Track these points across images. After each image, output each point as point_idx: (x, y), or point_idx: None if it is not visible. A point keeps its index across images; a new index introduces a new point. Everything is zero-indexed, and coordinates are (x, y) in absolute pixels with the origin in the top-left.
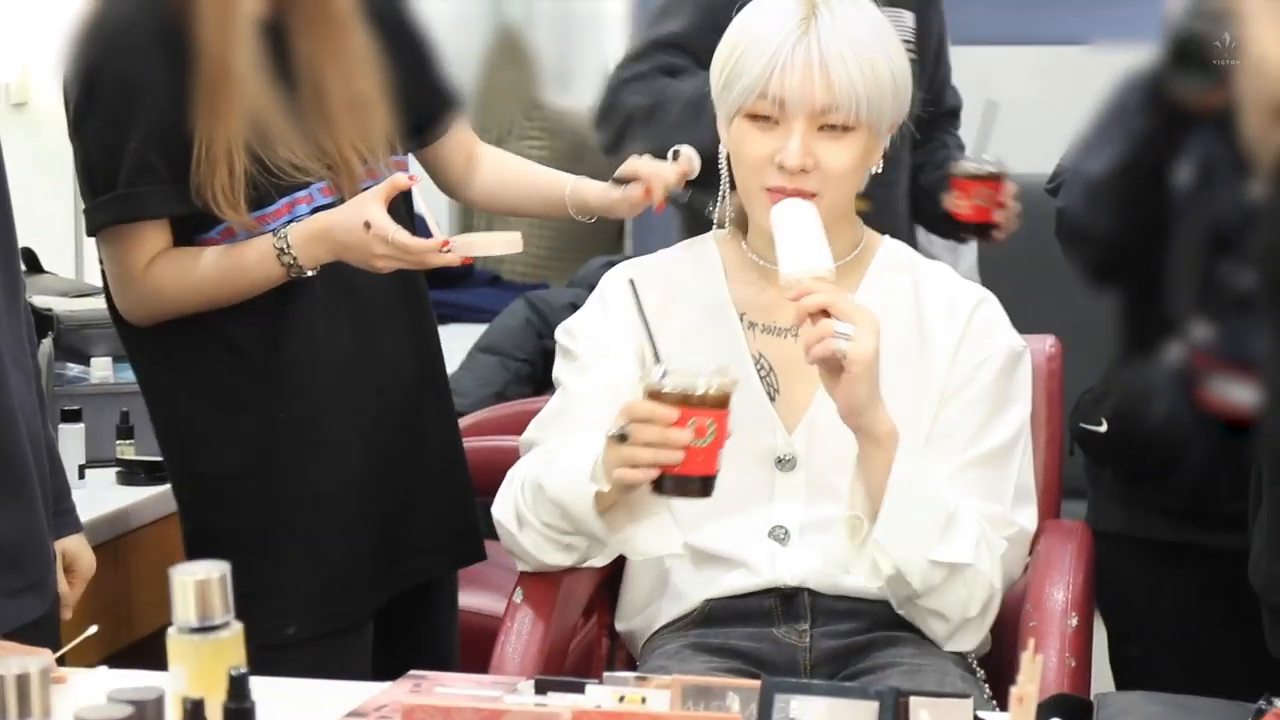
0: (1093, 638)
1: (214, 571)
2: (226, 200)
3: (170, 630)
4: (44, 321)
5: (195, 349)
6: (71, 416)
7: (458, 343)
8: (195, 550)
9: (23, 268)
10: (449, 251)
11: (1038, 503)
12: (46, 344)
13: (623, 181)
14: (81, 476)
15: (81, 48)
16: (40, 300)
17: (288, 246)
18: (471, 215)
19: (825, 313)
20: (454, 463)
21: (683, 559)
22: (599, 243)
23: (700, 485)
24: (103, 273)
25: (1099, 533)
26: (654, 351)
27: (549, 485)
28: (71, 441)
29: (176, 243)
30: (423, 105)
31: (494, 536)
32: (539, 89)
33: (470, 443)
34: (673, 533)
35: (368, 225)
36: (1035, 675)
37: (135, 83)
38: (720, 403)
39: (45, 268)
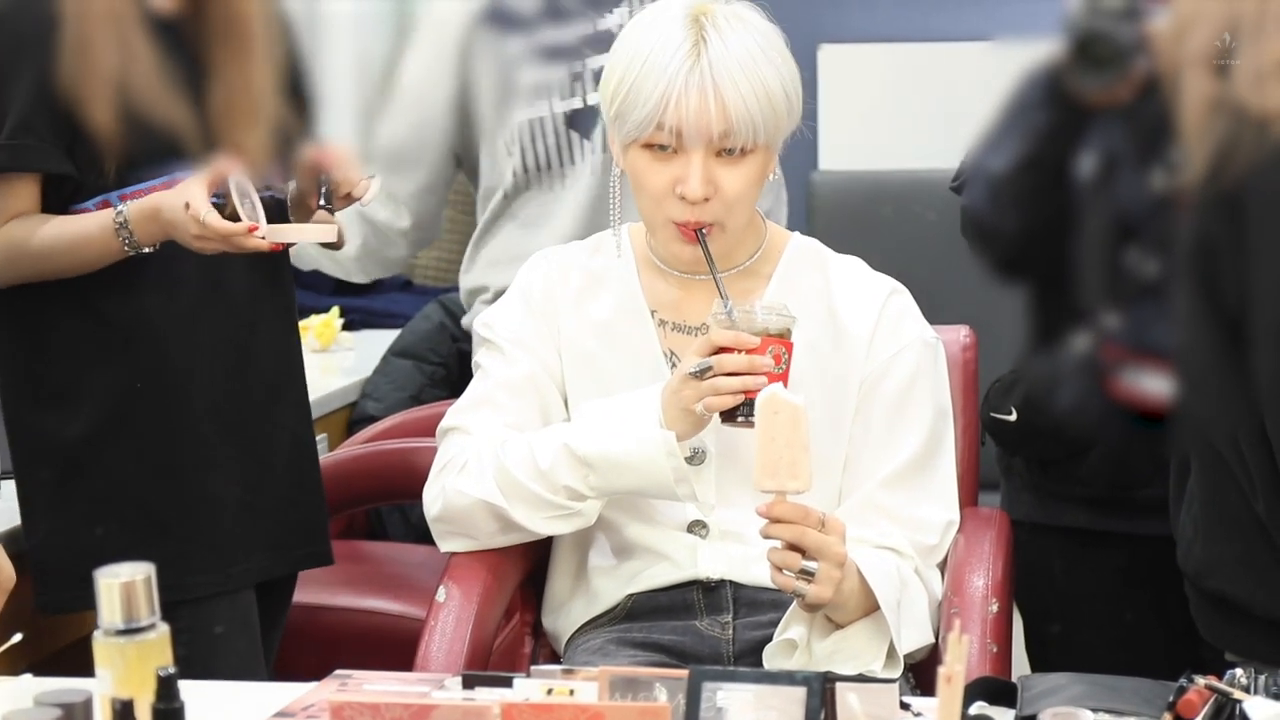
0: (1012, 624)
1: (139, 573)
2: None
3: (96, 633)
4: None
5: (57, 314)
6: None
7: (371, 348)
8: (39, 519)
9: None
10: (262, 238)
11: (959, 490)
12: None
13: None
14: None
15: None
16: None
17: (125, 221)
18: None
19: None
20: (306, 461)
21: (603, 553)
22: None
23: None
24: None
25: (1014, 521)
26: (720, 291)
27: (590, 449)
28: None
29: (52, 213)
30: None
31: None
32: None
33: (387, 445)
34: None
35: (187, 205)
36: (962, 655)
37: (20, 38)
38: (787, 334)
39: None
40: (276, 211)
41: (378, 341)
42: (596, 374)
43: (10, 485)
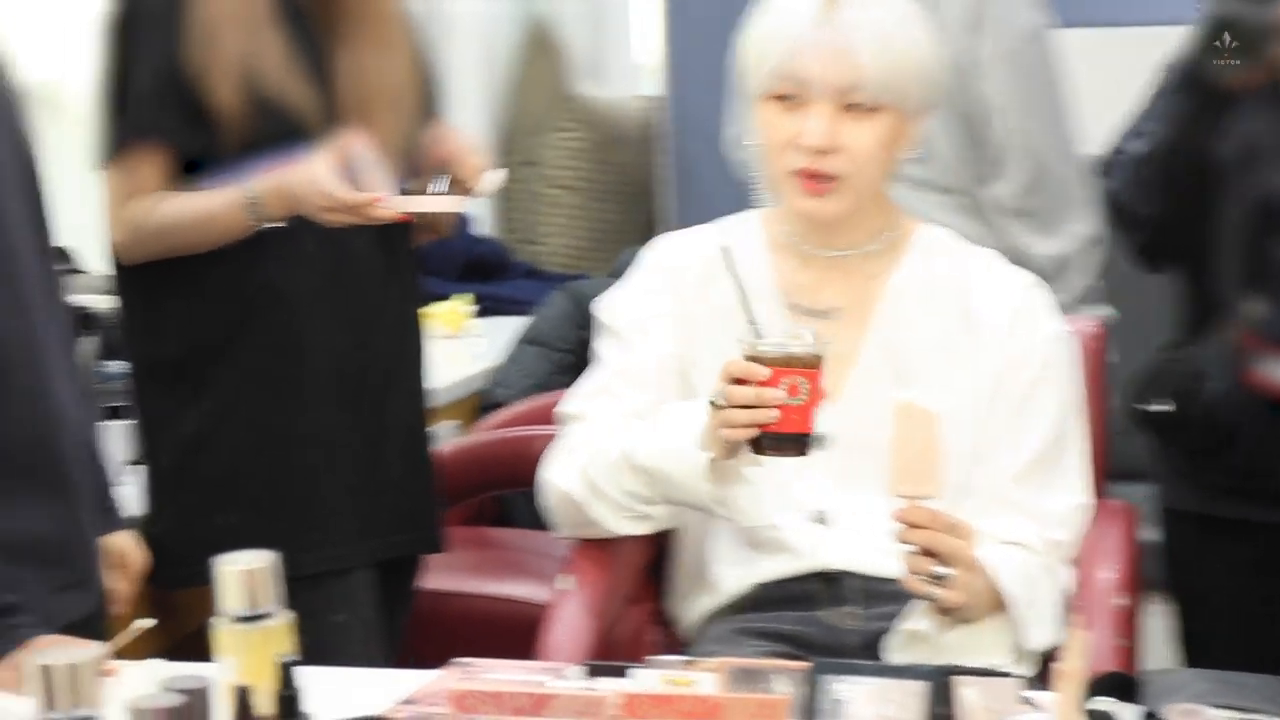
0: (1141, 618)
1: (259, 561)
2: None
3: (217, 620)
4: (84, 320)
5: (179, 295)
6: (112, 413)
7: (499, 334)
8: (162, 497)
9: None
10: (388, 208)
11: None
12: (87, 342)
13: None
14: (125, 473)
15: None
16: (80, 299)
17: (254, 196)
18: (509, 198)
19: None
20: (421, 447)
21: (728, 542)
22: (636, 232)
23: (797, 443)
24: None
25: (1170, 511)
26: (749, 316)
27: (643, 457)
28: (115, 439)
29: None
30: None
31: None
32: (570, 81)
33: (508, 432)
34: (765, 500)
35: (315, 179)
36: (1080, 651)
37: (155, 19)
38: (811, 363)
39: (82, 267)
40: None
41: (505, 328)
42: (722, 357)
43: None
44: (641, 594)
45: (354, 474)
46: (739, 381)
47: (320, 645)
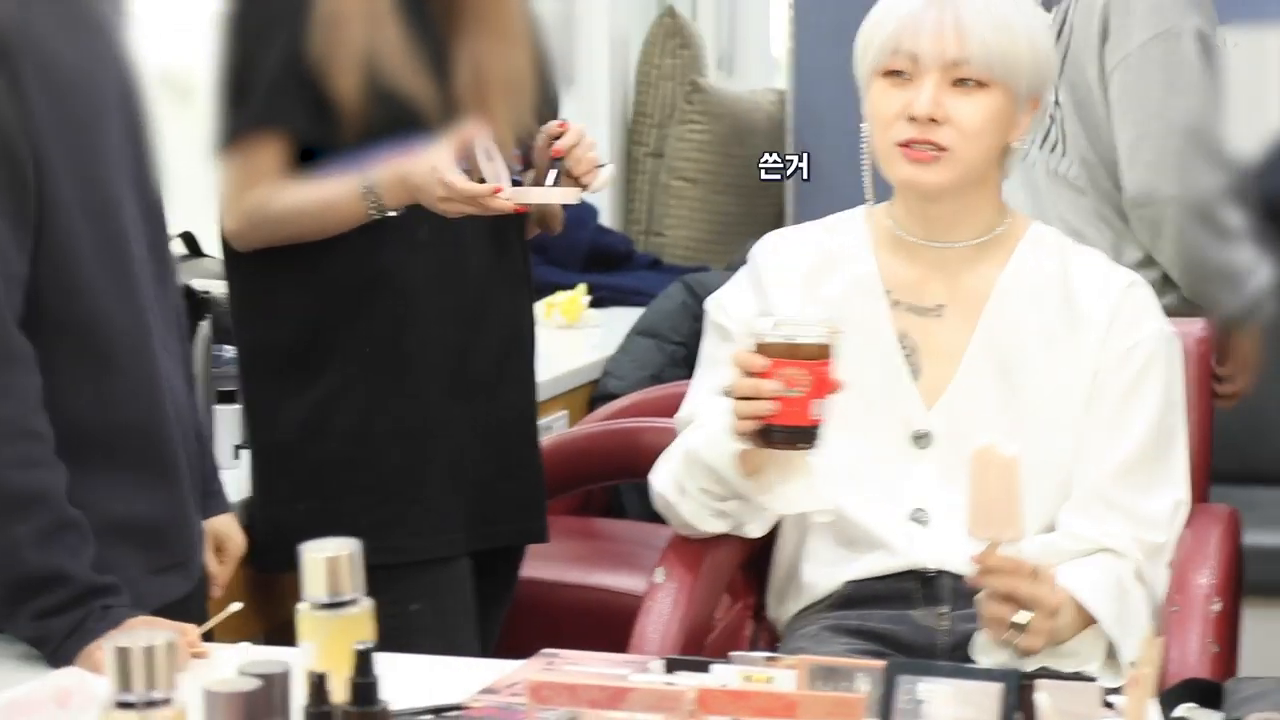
0: (1244, 623)
1: (344, 549)
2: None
3: (300, 606)
4: (202, 304)
5: (292, 282)
6: (227, 398)
7: (617, 325)
8: (270, 482)
9: (183, 252)
10: (507, 199)
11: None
12: (204, 326)
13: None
14: (236, 457)
15: None
16: (199, 283)
17: (372, 185)
18: (633, 189)
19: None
20: (526, 437)
21: (824, 539)
22: (759, 224)
23: (798, 435)
24: None
25: None
26: (764, 305)
27: (699, 450)
28: (226, 422)
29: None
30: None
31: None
32: (701, 72)
33: (617, 424)
34: (821, 490)
35: (434, 169)
36: (1154, 658)
37: (278, 9)
38: (813, 354)
39: (205, 251)
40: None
41: (624, 319)
42: None
43: (247, 454)
44: (742, 590)
45: (461, 463)
46: (750, 374)
47: (420, 631)
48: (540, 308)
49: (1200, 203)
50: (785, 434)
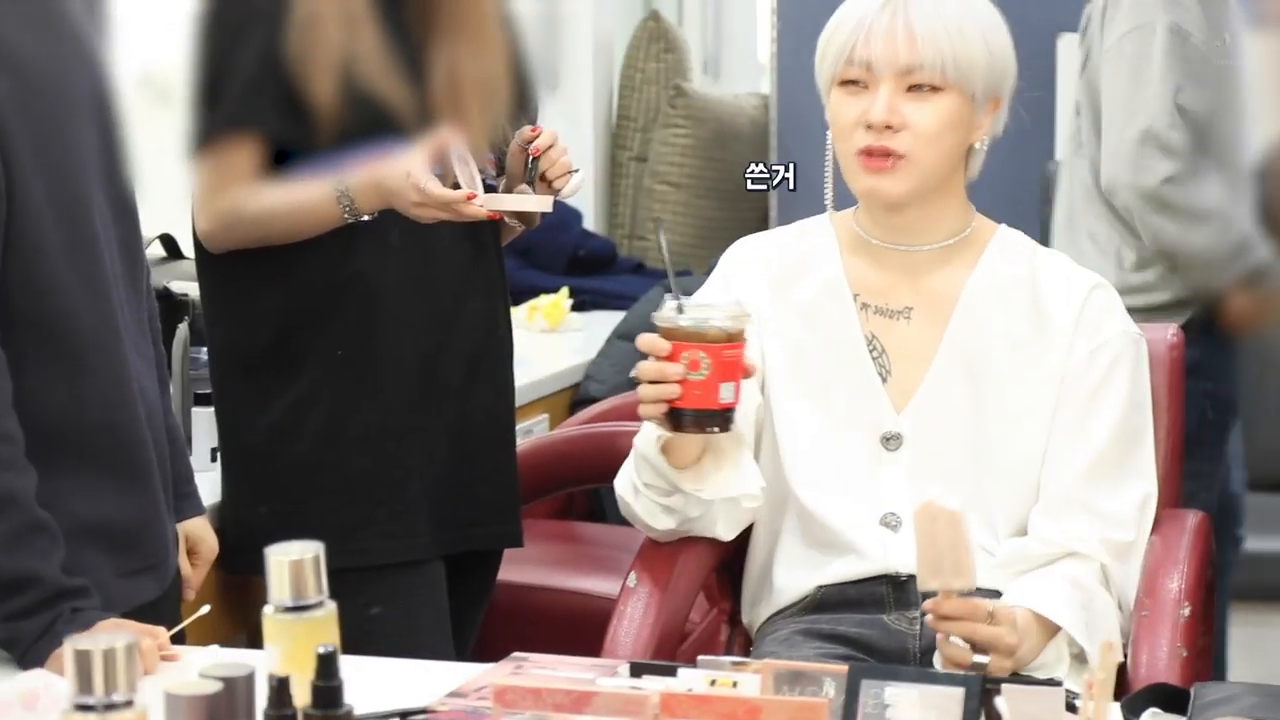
0: (1213, 628)
1: (308, 552)
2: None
3: (265, 609)
4: (180, 306)
5: (264, 284)
6: (205, 400)
7: (600, 329)
8: (241, 484)
9: (162, 254)
10: (480, 206)
11: (1158, 493)
12: (182, 328)
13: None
14: (213, 459)
15: None
16: (178, 285)
17: (346, 189)
18: (617, 193)
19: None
20: (501, 441)
21: (795, 543)
22: (742, 229)
23: (706, 418)
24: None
25: None
26: (672, 288)
27: (638, 444)
28: (204, 425)
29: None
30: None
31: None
32: (685, 76)
33: (594, 428)
34: (750, 475)
35: (408, 174)
36: (1110, 665)
37: (253, 10)
38: (716, 338)
39: (184, 254)
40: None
41: (607, 322)
42: (796, 358)
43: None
44: (717, 595)
45: (432, 467)
46: (655, 358)
47: (389, 634)
48: (523, 311)
49: (1153, 192)
50: (693, 417)
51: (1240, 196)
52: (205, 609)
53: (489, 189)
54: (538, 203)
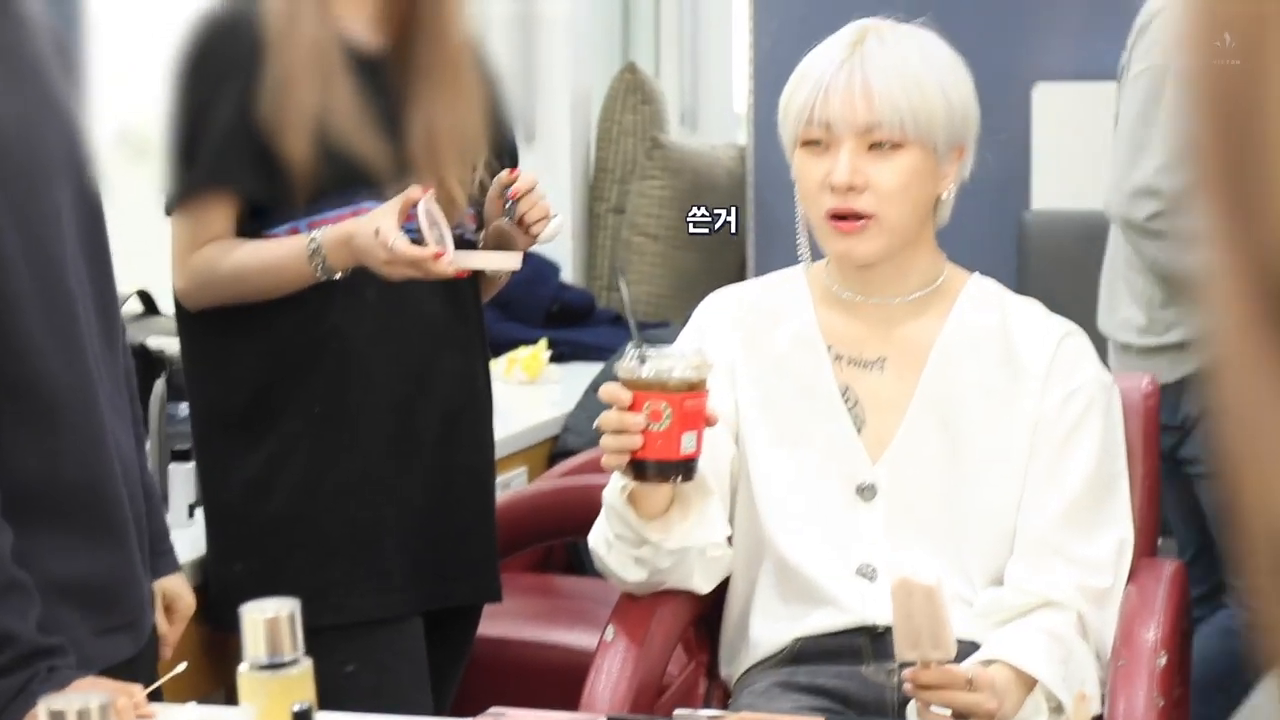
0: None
1: (283, 609)
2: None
3: (241, 667)
4: (156, 362)
5: (242, 340)
6: (182, 456)
7: (578, 380)
8: (220, 540)
9: (139, 310)
10: (449, 263)
11: (1133, 541)
12: (159, 385)
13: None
14: (191, 515)
15: (189, 32)
16: (154, 341)
17: (318, 247)
18: (595, 245)
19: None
20: (480, 496)
21: (772, 595)
22: (719, 280)
23: (669, 469)
24: None
25: None
26: (635, 338)
27: (606, 495)
28: (181, 481)
29: (246, 238)
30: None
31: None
32: (662, 128)
33: (572, 481)
34: (716, 525)
35: (378, 232)
36: (1083, 715)
37: (228, 67)
38: (679, 388)
39: (160, 310)
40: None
41: (585, 374)
42: (771, 410)
43: (200, 515)
44: (695, 647)
45: (409, 523)
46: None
47: (366, 691)
48: (501, 363)
49: (1141, 224)
50: (656, 467)
51: None
52: (182, 666)
53: (469, 244)
54: (507, 260)
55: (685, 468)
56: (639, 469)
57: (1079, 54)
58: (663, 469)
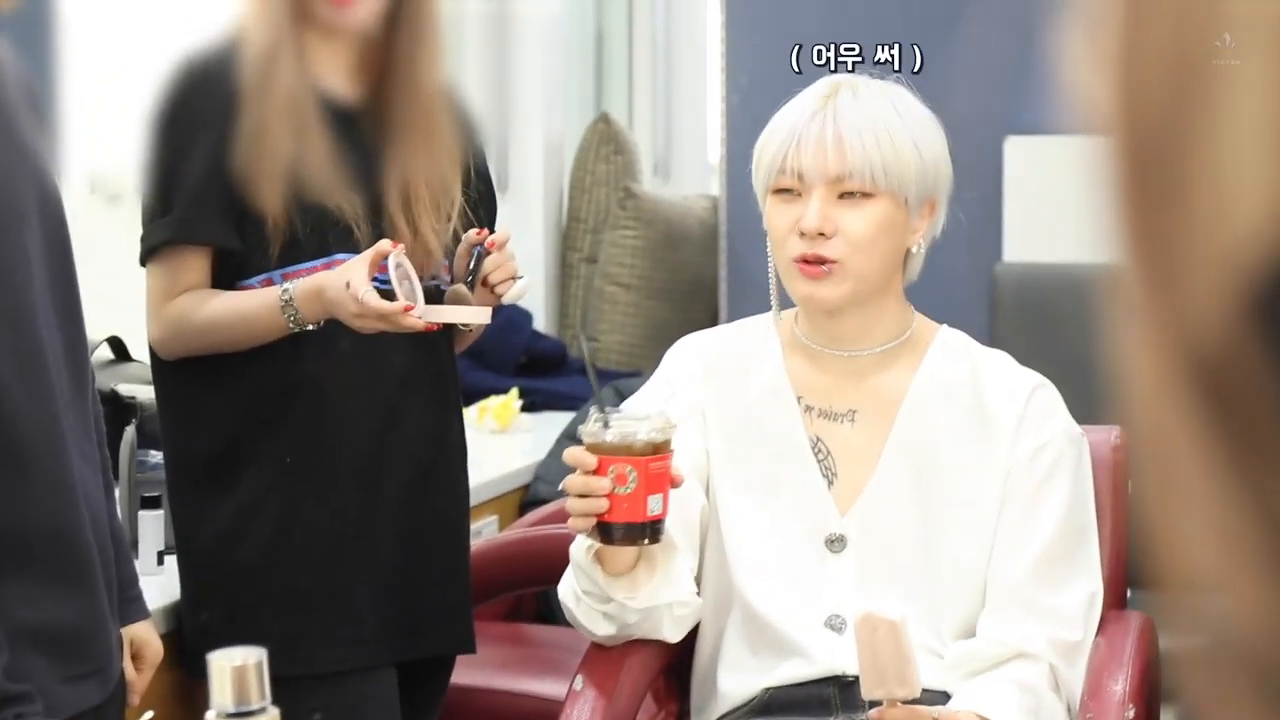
0: None
1: (251, 657)
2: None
3: (208, 715)
4: (127, 409)
5: (215, 390)
6: (151, 503)
7: (551, 429)
8: (191, 587)
9: (110, 357)
10: (418, 317)
11: (1102, 594)
12: (129, 431)
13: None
14: (160, 563)
15: (167, 82)
16: (125, 388)
17: (290, 299)
18: (568, 294)
19: None
20: (454, 545)
21: (740, 645)
22: (692, 330)
23: (635, 532)
24: None
25: None
26: (598, 402)
27: (573, 552)
28: (150, 528)
29: (220, 288)
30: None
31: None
32: (635, 178)
33: (542, 530)
34: (682, 582)
35: (348, 284)
36: None
37: (203, 117)
38: (644, 450)
39: (133, 356)
40: (438, 300)
41: (557, 423)
42: (741, 460)
43: (172, 560)
44: (664, 697)
45: (381, 573)
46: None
47: None
48: (473, 412)
49: None
50: (623, 530)
51: None
52: (150, 715)
53: (442, 292)
54: (476, 314)
55: (652, 529)
56: (605, 532)
57: (1050, 107)
58: (630, 531)
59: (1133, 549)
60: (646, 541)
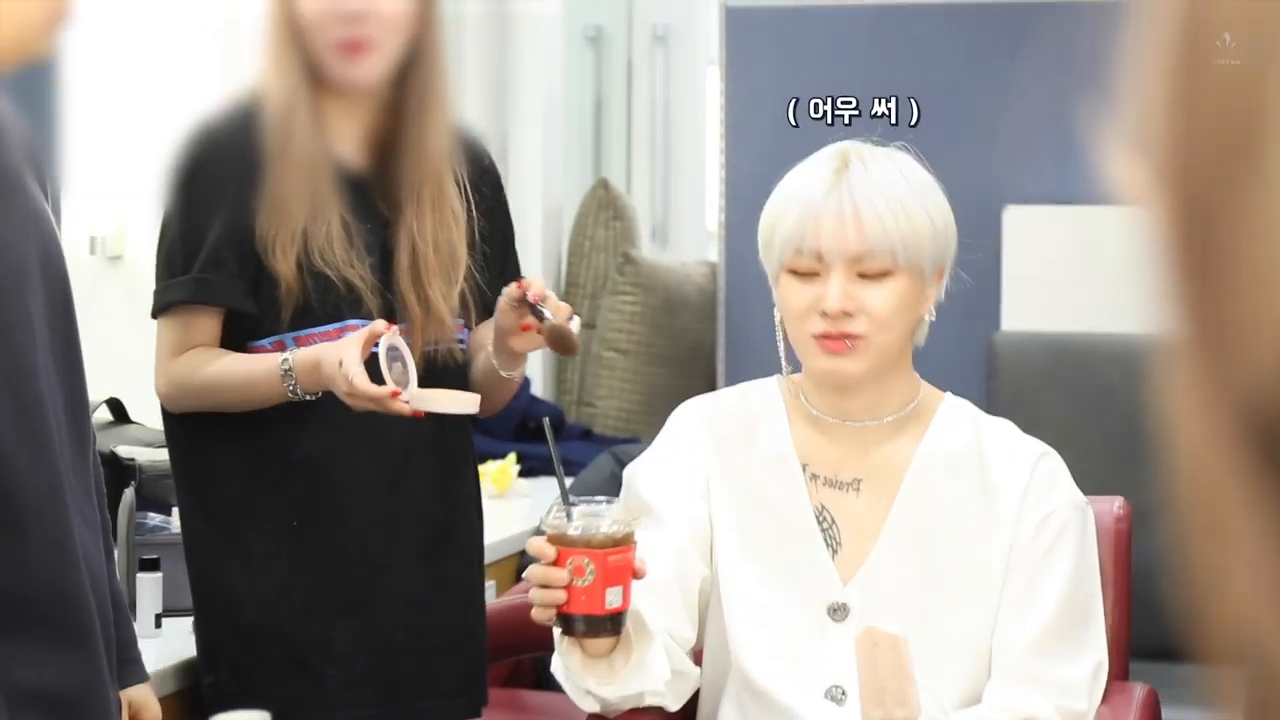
0: None
1: (253, 719)
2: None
3: None
4: (126, 471)
5: (221, 446)
6: (150, 565)
7: (547, 495)
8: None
9: (109, 419)
10: (405, 402)
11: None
12: (128, 493)
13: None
14: (158, 625)
15: (183, 145)
16: (124, 450)
17: (290, 369)
18: (566, 360)
19: None
20: (471, 615)
21: (740, 715)
22: (689, 396)
23: (594, 624)
24: None
25: None
26: (562, 493)
27: (554, 635)
28: (149, 590)
29: (230, 348)
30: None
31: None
32: (633, 243)
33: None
34: (655, 671)
35: (340, 363)
36: None
37: (222, 180)
38: (603, 544)
39: (132, 418)
40: (456, 376)
41: (554, 489)
42: (744, 527)
43: (169, 623)
44: None
45: (389, 638)
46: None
47: None
48: None
49: None
50: (582, 622)
51: None
52: None
53: (459, 366)
54: (464, 403)
55: (612, 622)
56: (566, 623)
57: (1049, 177)
58: (589, 623)
59: (1135, 620)
60: (607, 634)
